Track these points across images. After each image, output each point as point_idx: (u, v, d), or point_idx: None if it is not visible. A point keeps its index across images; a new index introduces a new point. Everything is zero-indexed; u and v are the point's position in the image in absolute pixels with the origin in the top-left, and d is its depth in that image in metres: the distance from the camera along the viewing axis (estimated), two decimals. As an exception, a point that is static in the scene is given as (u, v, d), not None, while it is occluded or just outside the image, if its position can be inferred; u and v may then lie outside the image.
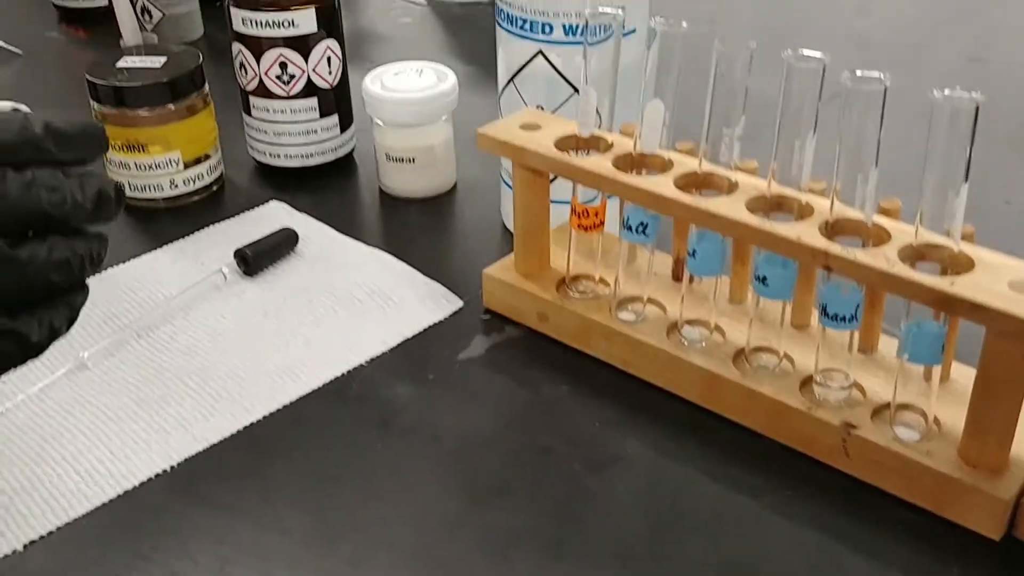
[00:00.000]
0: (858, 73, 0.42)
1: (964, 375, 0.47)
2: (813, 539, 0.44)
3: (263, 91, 0.68)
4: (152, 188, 0.66)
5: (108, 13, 0.96)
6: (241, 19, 0.67)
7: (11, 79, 0.89)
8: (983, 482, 0.43)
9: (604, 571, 0.42)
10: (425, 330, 0.56)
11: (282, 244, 0.62)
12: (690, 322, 0.52)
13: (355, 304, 0.58)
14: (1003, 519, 0.43)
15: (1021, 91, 0.80)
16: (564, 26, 0.55)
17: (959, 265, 0.42)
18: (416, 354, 0.55)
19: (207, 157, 0.68)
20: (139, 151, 0.65)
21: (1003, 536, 0.43)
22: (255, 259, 0.60)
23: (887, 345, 0.50)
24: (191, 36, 0.93)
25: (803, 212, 0.46)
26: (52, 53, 0.95)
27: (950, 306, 0.41)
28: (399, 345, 0.55)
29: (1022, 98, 0.79)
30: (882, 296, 0.48)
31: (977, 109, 0.40)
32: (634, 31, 0.56)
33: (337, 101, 0.70)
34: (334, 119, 0.70)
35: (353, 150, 0.73)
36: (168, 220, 0.66)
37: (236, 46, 0.68)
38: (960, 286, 0.41)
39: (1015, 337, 0.40)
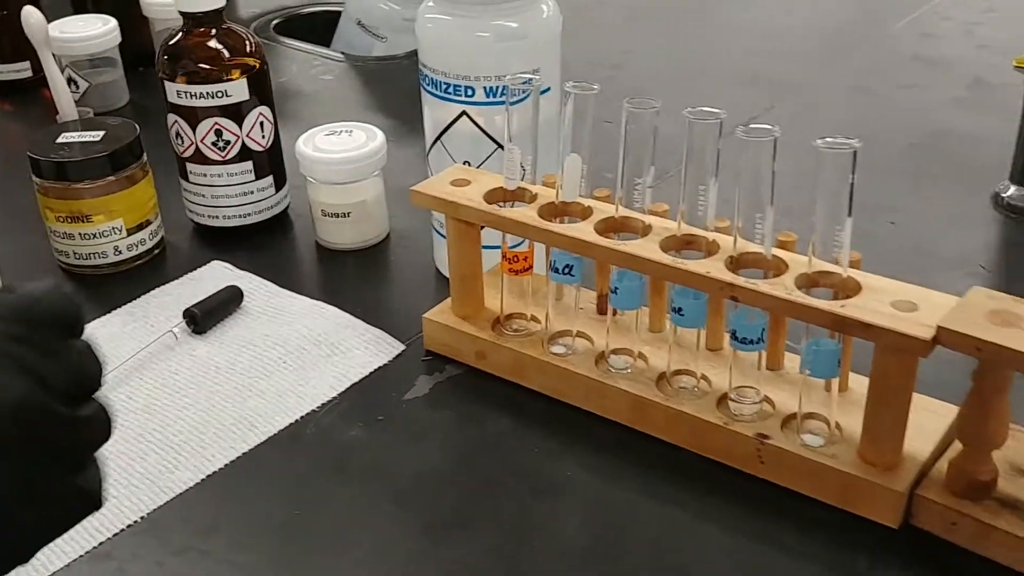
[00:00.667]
0: (751, 125, 0.48)
1: (861, 384, 0.53)
2: (737, 542, 0.49)
3: (200, 157, 0.72)
4: (97, 255, 0.69)
5: (29, 86, 0.98)
6: (176, 91, 0.70)
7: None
8: (881, 478, 0.48)
9: (558, 584, 0.47)
10: (371, 374, 0.60)
11: (228, 301, 0.65)
12: (616, 351, 0.57)
13: (303, 354, 0.62)
14: (900, 509, 0.48)
15: (903, 120, 0.88)
16: (485, 88, 0.61)
17: (848, 289, 0.48)
18: (365, 397, 0.59)
19: (148, 223, 0.71)
20: (83, 221, 0.68)
21: (902, 524, 0.49)
22: (203, 318, 0.64)
23: (792, 361, 0.56)
24: (117, 104, 0.96)
25: (710, 249, 0.51)
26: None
27: (842, 326, 0.47)
28: (347, 390, 0.59)
29: (904, 126, 0.87)
30: (784, 319, 0.54)
31: (855, 154, 0.46)
32: (549, 89, 0.61)
33: (271, 162, 0.74)
34: (269, 179, 0.74)
35: (288, 207, 0.77)
36: (114, 285, 0.69)
37: (171, 117, 0.72)
38: (850, 308, 0.46)
39: (899, 351, 0.46)
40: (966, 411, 0.46)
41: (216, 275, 0.69)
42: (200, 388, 0.60)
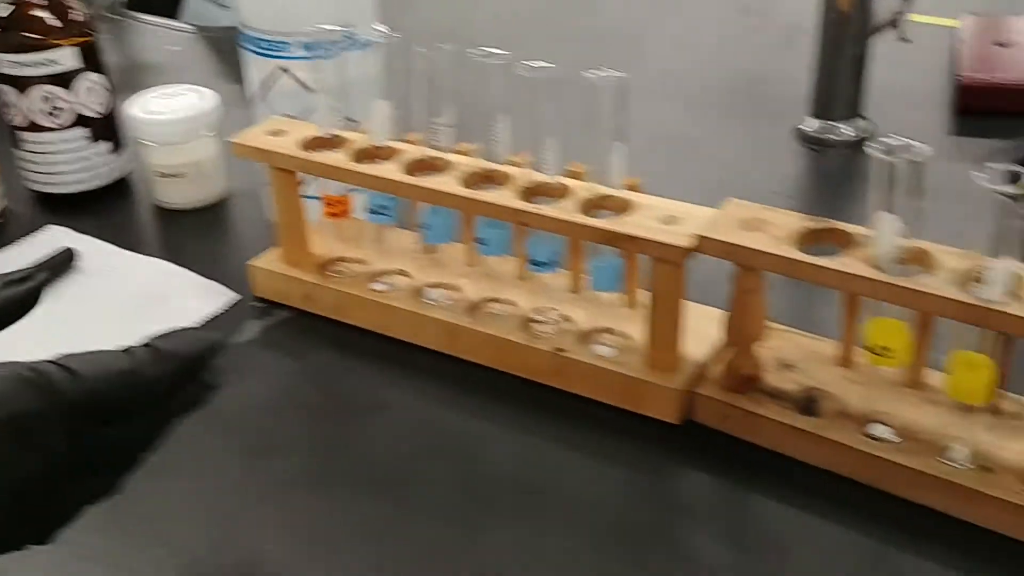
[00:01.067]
0: (533, 64, 0.52)
1: (645, 299, 0.58)
2: (535, 443, 0.54)
3: (33, 126, 0.73)
4: (-68, 224, 0.70)
5: None
6: (5, 62, 0.71)
7: None
8: (662, 379, 0.54)
9: (365, 498, 0.51)
10: (205, 323, 0.63)
11: (60, 263, 0.67)
12: (432, 285, 0.61)
13: (137, 307, 0.64)
14: (680, 406, 0.53)
15: (724, 65, 0.94)
16: (301, 43, 0.64)
17: (623, 209, 0.53)
18: (197, 342, 0.62)
19: (-15, 190, 0.72)
20: (-85, 190, 0.69)
21: (684, 420, 0.54)
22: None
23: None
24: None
25: (504, 181, 0.55)
26: None
27: (613, 241, 0.51)
28: (181, 337, 0.62)
29: (724, 71, 0.92)
30: (578, 243, 0.58)
31: (624, 84, 0.50)
32: (366, 44, 0.64)
33: (107, 128, 0.76)
34: (107, 145, 0.75)
35: (132, 172, 0.78)
36: (-48, 253, 0.70)
37: (2, 87, 0.73)
38: (619, 224, 0.51)
39: (664, 260, 0.51)
40: (729, 311, 0.51)
41: (53, 240, 0.71)
42: (36, 346, 0.62)
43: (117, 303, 0.64)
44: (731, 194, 0.51)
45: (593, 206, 0.53)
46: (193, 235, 0.73)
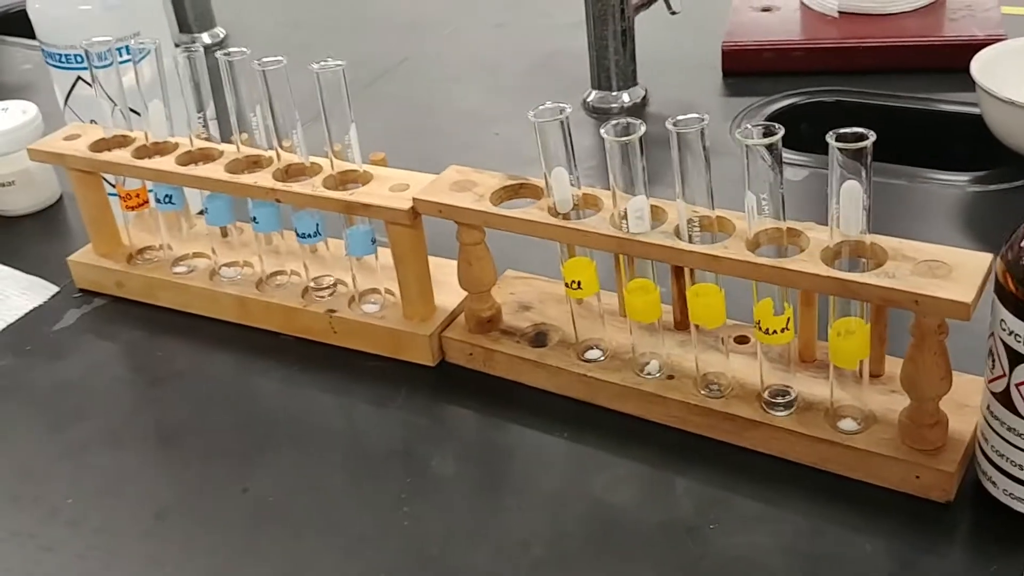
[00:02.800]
0: (265, 59, 0.59)
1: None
2: (310, 394, 0.61)
3: None
4: None
5: None
6: None
7: None
8: (416, 328, 0.61)
9: (153, 447, 0.58)
10: (27, 315, 0.70)
11: None
12: (227, 265, 0.68)
13: (-32, 306, 0.71)
14: (433, 350, 0.61)
15: (527, 46, 1.01)
16: (91, 54, 0.70)
17: (365, 181, 0.60)
18: (18, 334, 0.68)
19: None
20: None
21: (439, 362, 0.61)
22: None
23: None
24: None
25: (266, 164, 0.63)
26: None
27: (353, 209, 0.59)
28: (2, 331, 0.68)
29: (527, 51, 1.00)
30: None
31: (343, 72, 0.58)
32: (144, 51, 0.71)
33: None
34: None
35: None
36: None
37: None
38: (356, 195, 0.59)
39: (392, 222, 0.58)
40: (458, 263, 0.59)
41: None
42: None
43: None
44: (522, 165, 0.58)
45: (341, 181, 0.61)
46: (28, 238, 0.80)
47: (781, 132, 0.46)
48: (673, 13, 0.88)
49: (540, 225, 0.53)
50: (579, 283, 0.55)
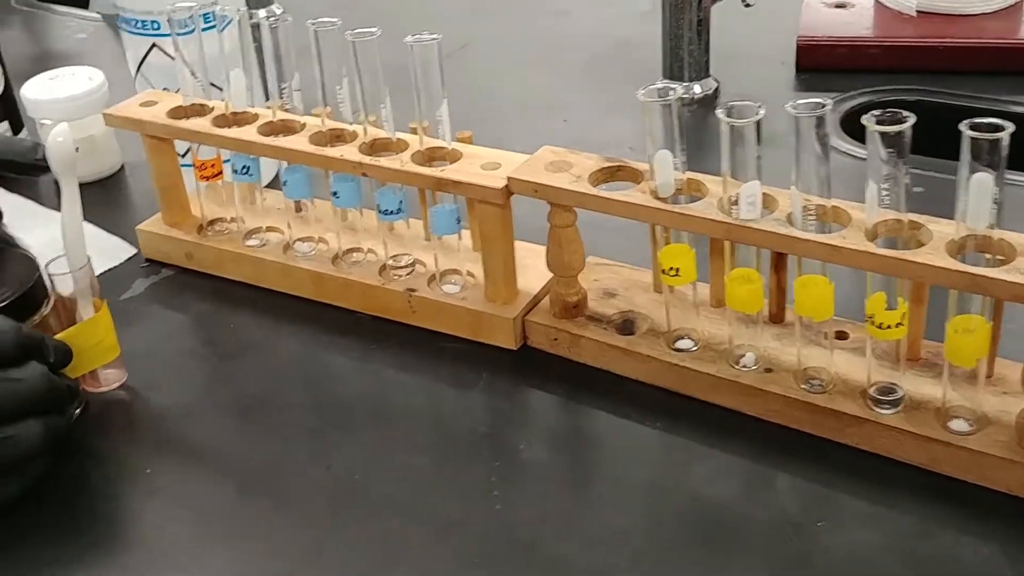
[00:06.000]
0: (360, 30, 0.58)
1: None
2: (388, 373, 0.60)
3: (-68, 108, 0.78)
4: None
5: None
6: (-101, 48, 0.76)
7: None
8: (499, 311, 0.60)
9: (232, 423, 0.57)
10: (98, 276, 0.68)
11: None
12: (301, 239, 0.67)
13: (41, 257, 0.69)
14: (515, 333, 0.60)
15: (592, 34, 1.00)
16: (170, 21, 0.69)
17: (455, 159, 0.59)
18: (87, 300, 0.67)
19: None
20: None
21: (521, 346, 0.60)
22: None
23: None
24: None
25: (349, 138, 0.61)
26: None
27: (441, 186, 0.57)
28: (72, 295, 0.67)
29: (592, 40, 0.99)
30: (424, 194, 0.64)
31: (438, 47, 0.56)
32: (225, 20, 0.70)
33: (5, 108, 0.80)
34: (3, 125, 0.80)
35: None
36: None
37: (-100, 72, 0.77)
38: (446, 172, 0.57)
39: (485, 201, 0.57)
40: (548, 245, 0.58)
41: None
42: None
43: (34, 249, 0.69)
44: (590, 150, 0.57)
45: (428, 158, 0.59)
46: (89, 207, 0.77)
47: (911, 120, 0.44)
48: (747, 5, 0.86)
49: (643, 208, 0.52)
50: (677, 270, 0.53)
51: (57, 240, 0.58)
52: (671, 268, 0.53)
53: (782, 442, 0.52)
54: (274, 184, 0.74)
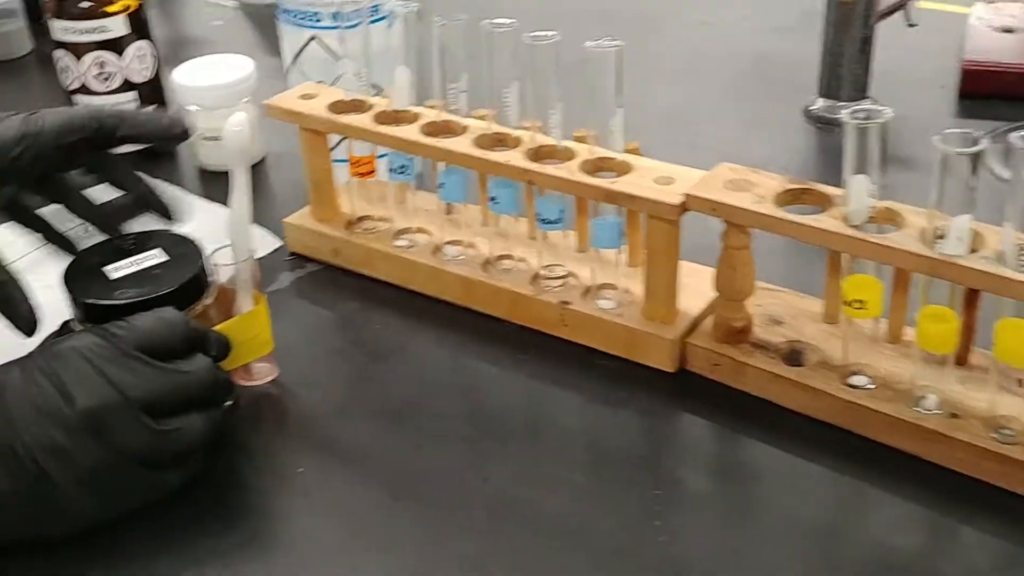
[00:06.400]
0: (537, 34, 0.56)
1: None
2: (540, 386, 0.58)
3: (85, 89, 0.78)
4: None
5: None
6: (61, 28, 0.77)
7: None
8: (658, 330, 0.58)
9: (381, 426, 0.55)
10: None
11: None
12: (450, 243, 0.66)
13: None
14: (674, 356, 0.57)
15: (735, 46, 0.97)
16: (331, 14, 0.68)
17: (623, 171, 0.57)
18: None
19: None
20: None
21: (678, 369, 0.58)
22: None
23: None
24: (20, 52, 1.02)
25: (512, 143, 0.60)
26: None
27: (612, 199, 0.55)
28: (218, 285, 0.67)
29: (736, 52, 0.96)
30: (584, 203, 0.62)
31: (618, 54, 0.54)
32: (388, 15, 0.69)
33: (153, 92, 0.81)
34: (151, 109, 0.81)
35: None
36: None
37: (58, 52, 0.78)
38: (618, 184, 0.55)
39: (657, 216, 0.55)
40: (718, 267, 0.55)
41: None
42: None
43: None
44: (733, 162, 0.55)
45: (596, 167, 0.57)
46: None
47: None
48: (911, 25, 0.83)
49: (835, 236, 0.49)
50: (863, 303, 0.51)
51: (200, 229, 0.58)
52: (856, 300, 0.51)
53: (968, 493, 0.49)
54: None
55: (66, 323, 0.54)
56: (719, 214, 0.53)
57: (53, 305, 0.53)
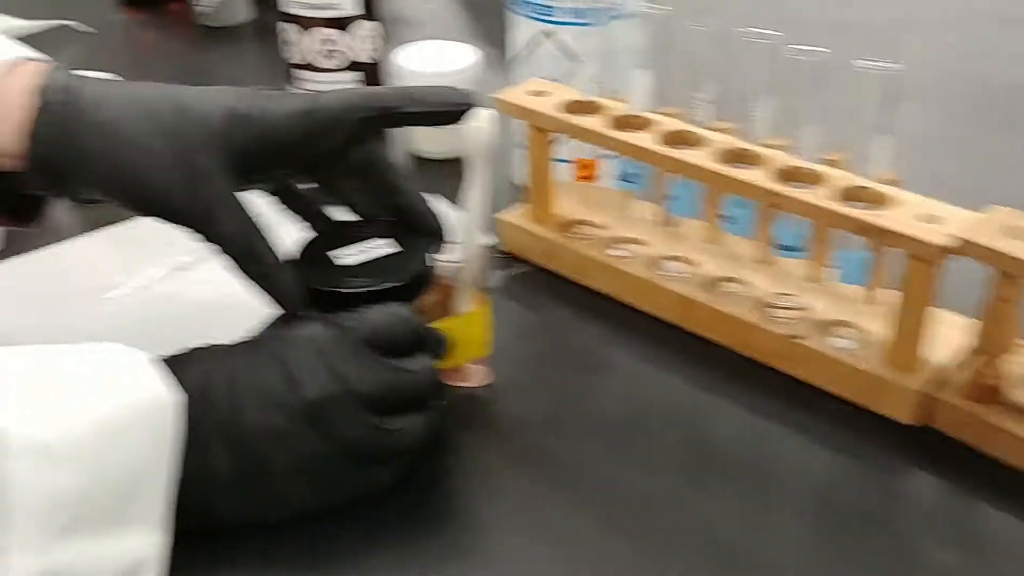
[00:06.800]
0: (802, 47, 0.52)
1: (891, 297, 0.57)
2: (762, 423, 0.54)
3: (309, 66, 0.79)
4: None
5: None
6: (292, 1, 0.77)
7: (86, 57, 1.00)
8: (899, 378, 0.53)
9: (594, 444, 0.53)
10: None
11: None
12: (670, 258, 0.63)
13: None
14: (914, 407, 0.53)
15: (992, 73, 0.90)
16: (570, 9, 0.66)
17: (880, 202, 0.52)
18: (442, 284, 0.65)
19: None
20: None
21: (917, 423, 0.53)
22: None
23: (834, 275, 0.60)
24: (239, 18, 1.04)
25: (758, 162, 0.56)
26: (119, 32, 1.06)
27: (867, 232, 0.51)
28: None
29: (990, 77, 0.89)
30: (825, 232, 0.58)
31: (900, 78, 0.50)
32: (630, 15, 0.66)
33: (378, 75, 0.80)
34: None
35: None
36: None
37: (282, 25, 0.79)
38: (874, 216, 0.51)
39: (918, 257, 0.50)
40: (981, 318, 0.50)
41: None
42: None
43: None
44: (993, 202, 0.50)
45: (848, 196, 0.53)
46: (443, 184, 0.77)
47: None
48: None
49: None
50: None
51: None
52: None
53: None
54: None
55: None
56: (997, 264, 0.48)
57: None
